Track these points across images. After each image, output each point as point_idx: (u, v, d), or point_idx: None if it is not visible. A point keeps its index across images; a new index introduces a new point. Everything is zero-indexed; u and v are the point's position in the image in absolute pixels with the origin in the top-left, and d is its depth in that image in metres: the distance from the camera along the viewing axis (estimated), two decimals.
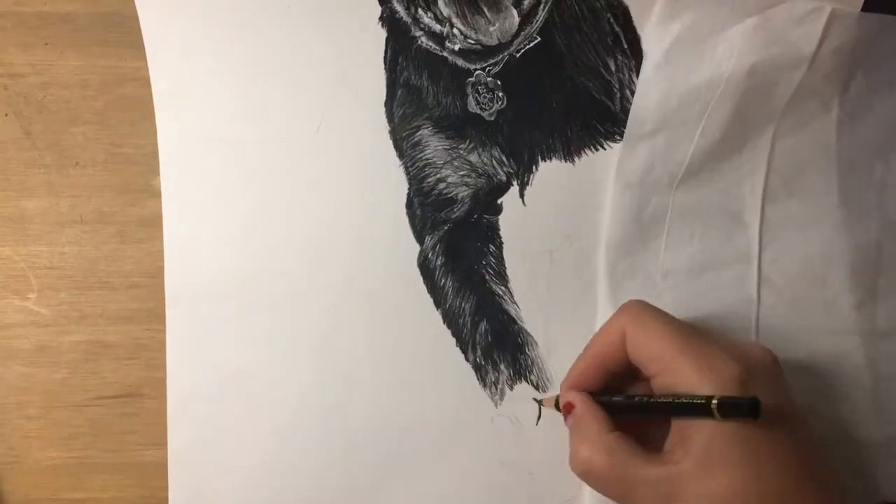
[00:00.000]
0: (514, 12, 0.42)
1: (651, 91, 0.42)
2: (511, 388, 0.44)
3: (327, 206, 0.43)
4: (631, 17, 0.43)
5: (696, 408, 0.33)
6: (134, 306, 0.43)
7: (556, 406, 0.40)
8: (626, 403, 0.38)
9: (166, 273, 0.43)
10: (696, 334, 0.36)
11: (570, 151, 0.44)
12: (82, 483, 0.43)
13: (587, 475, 0.36)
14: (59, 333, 0.43)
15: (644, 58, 0.43)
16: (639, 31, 0.43)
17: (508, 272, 0.44)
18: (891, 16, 0.42)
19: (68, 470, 0.42)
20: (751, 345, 0.37)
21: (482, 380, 0.44)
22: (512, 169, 0.44)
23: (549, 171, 0.44)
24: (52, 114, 0.43)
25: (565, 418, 0.39)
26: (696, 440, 0.33)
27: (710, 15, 0.42)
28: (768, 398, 0.33)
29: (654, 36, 0.42)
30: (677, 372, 0.35)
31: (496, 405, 0.43)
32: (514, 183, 0.44)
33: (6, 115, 0.43)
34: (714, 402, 0.32)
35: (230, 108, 0.43)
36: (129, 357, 0.43)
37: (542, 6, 0.43)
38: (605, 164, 0.44)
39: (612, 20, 0.43)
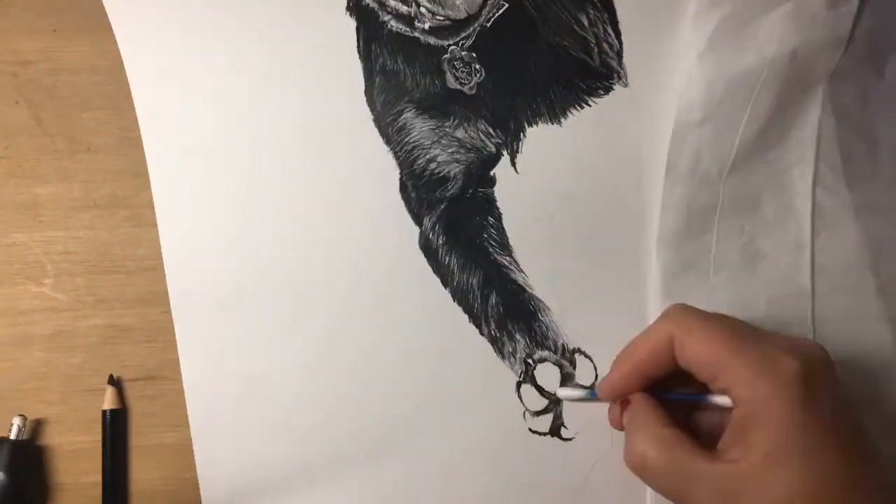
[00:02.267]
0: None
1: (697, 80, 0.42)
2: (530, 356, 0.44)
3: (321, 202, 0.44)
4: None
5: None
6: (150, 289, 0.43)
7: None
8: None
9: (168, 279, 0.43)
10: (749, 332, 0.35)
11: (555, 113, 0.44)
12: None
13: (642, 470, 0.35)
14: (77, 318, 0.43)
15: (686, 48, 0.42)
16: None
17: (511, 242, 0.44)
18: None
19: (89, 454, 0.43)
20: (805, 341, 0.36)
21: (500, 352, 0.44)
22: (500, 139, 0.44)
23: (537, 136, 0.44)
24: (63, 100, 0.44)
25: (619, 417, 0.38)
26: (758, 439, 0.32)
27: (749, 2, 0.41)
28: (827, 397, 0.33)
29: (695, 25, 0.42)
30: (734, 374, 0.34)
31: (517, 375, 0.44)
32: (505, 152, 0.44)
33: (17, 103, 0.44)
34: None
35: (211, 117, 0.43)
36: (147, 340, 0.43)
37: None
38: (593, 120, 0.44)
39: None
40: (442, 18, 0.43)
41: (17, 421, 0.41)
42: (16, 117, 0.44)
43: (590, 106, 0.44)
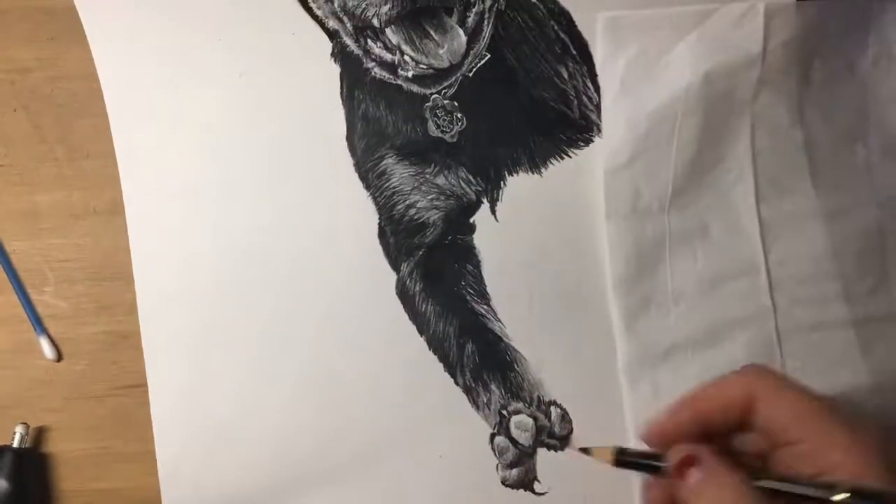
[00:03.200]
0: (460, 31, 0.43)
1: (617, 122, 0.42)
2: (505, 408, 0.43)
3: (298, 245, 0.44)
4: (574, 23, 0.42)
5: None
6: None
7: (617, 461, 0.33)
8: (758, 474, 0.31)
9: (142, 326, 0.43)
10: (830, 399, 0.33)
11: (535, 163, 0.44)
12: (106, 473, 0.43)
13: None
14: (78, 325, 0.43)
15: (602, 94, 0.43)
16: (585, 37, 0.43)
17: (489, 290, 0.44)
18: (828, 1, 0.41)
19: (92, 461, 0.43)
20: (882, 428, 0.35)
21: (474, 402, 0.43)
22: (480, 187, 0.44)
23: (517, 185, 0.44)
24: (61, 107, 0.44)
25: (675, 474, 0.31)
26: None
27: (652, 40, 0.42)
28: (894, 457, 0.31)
29: (605, 72, 0.42)
30: (826, 440, 0.31)
31: (491, 426, 0.43)
32: (485, 200, 0.44)
33: (15, 111, 0.44)
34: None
35: (191, 161, 0.44)
36: None
37: (486, 22, 0.43)
38: (573, 171, 0.44)
39: (556, 28, 0.43)
40: (425, 67, 0.43)
41: (19, 429, 0.41)
42: (14, 125, 0.44)
43: (570, 157, 0.44)
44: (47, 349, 0.42)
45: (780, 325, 0.42)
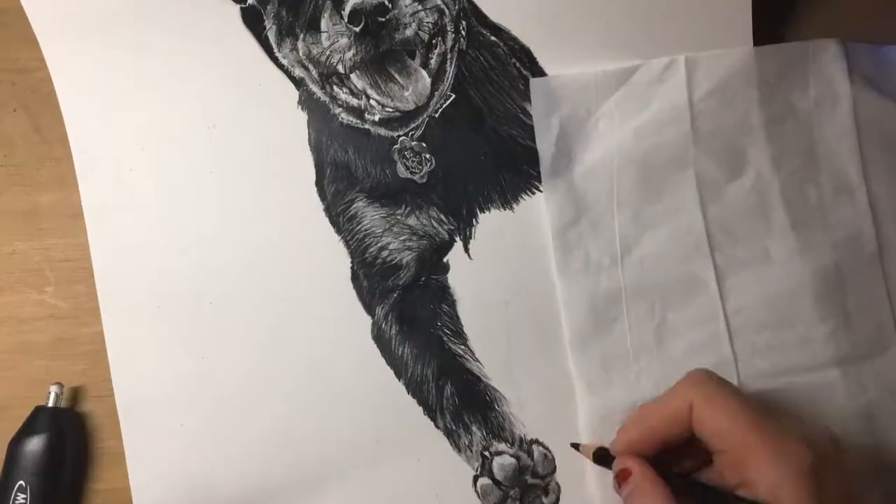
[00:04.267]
0: (424, 73, 0.43)
1: (556, 183, 0.43)
2: (487, 449, 0.42)
3: (270, 293, 0.43)
4: (535, 59, 0.43)
5: None
6: None
7: (595, 458, 0.39)
8: (687, 485, 0.36)
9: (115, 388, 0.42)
10: (765, 410, 0.35)
11: (506, 199, 0.44)
12: (106, 474, 0.43)
13: None
14: (78, 325, 0.43)
15: (540, 157, 0.43)
16: (547, 73, 0.43)
17: (466, 330, 0.43)
18: (757, 47, 0.42)
19: (93, 461, 0.43)
20: (819, 428, 0.36)
21: (455, 445, 0.42)
22: (452, 226, 0.44)
23: (490, 222, 0.44)
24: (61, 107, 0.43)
25: (618, 484, 0.37)
26: None
27: (581, 99, 0.42)
28: (837, 487, 0.32)
29: (540, 135, 0.43)
30: (747, 452, 0.33)
31: (474, 469, 0.42)
32: (457, 239, 0.44)
33: (15, 111, 0.44)
34: None
35: (160, 209, 0.43)
36: None
37: (448, 63, 0.43)
38: (545, 206, 0.44)
39: (517, 65, 0.43)
40: (391, 110, 0.43)
41: (54, 388, 0.41)
42: (14, 126, 0.44)
43: (541, 191, 0.43)
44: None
45: (742, 374, 0.41)
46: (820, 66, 0.42)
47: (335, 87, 0.43)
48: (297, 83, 0.44)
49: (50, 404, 0.41)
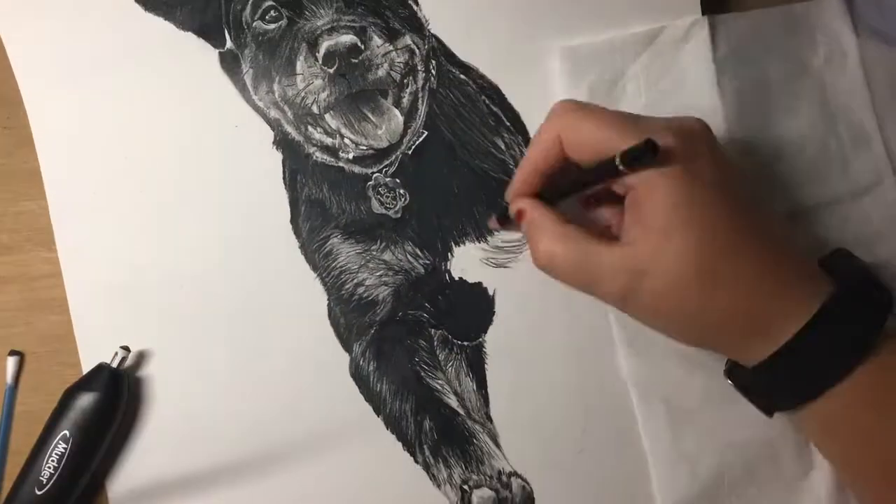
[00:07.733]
0: (397, 112, 0.44)
1: None
2: (466, 482, 0.42)
3: (247, 332, 0.43)
4: (505, 96, 0.44)
5: (608, 167, 0.34)
6: None
7: (501, 224, 0.41)
8: (563, 183, 0.37)
9: None
10: (632, 116, 0.36)
11: (481, 232, 0.44)
12: None
13: (551, 266, 0.35)
14: None
15: None
16: (517, 109, 0.44)
17: (444, 364, 0.43)
18: (768, 9, 0.44)
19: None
20: (686, 118, 0.36)
21: (434, 479, 0.42)
22: (428, 260, 0.44)
23: (465, 255, 0.44)
24: None
25: (518, 226, 0.38)
26: (651, 218, 0.33)
27: (608, 65, 0.43)
28: (709, 170, 0.34)
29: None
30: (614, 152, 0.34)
31: (453, 503, 0.42)
32: (434, 272, 0.44)
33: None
34: (616, 156, 0.33)
35: (133, 252, 0.44)
36: None
37: (420, 101, 0.44)
38: (521, 238, 0.44)
39: (487, 102, 0.44)
40: (365, 148, 0.44)
41: (120, 351, 0.41)
42: (16, 87, 0.44)
43: None
44: None
45: None
46: (826, 23, 0.45)
47: (310, 127, 0.44)
48: (273, 124, 0.44)
49: (114, 365, 0.41)
